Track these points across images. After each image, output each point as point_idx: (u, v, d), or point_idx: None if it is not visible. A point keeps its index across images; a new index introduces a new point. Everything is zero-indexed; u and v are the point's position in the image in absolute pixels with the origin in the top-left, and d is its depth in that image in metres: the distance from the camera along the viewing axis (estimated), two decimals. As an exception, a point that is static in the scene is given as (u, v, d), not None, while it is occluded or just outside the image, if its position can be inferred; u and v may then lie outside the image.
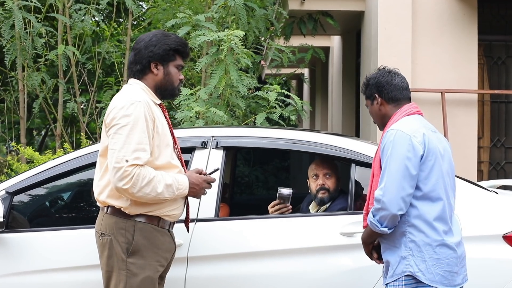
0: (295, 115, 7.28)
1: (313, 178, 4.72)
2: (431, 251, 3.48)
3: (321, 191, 4.65)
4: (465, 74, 8.22)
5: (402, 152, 3.47)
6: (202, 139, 4.36)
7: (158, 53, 3.67)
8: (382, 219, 3.47)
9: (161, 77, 3.71)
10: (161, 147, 3.60)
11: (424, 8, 8.26)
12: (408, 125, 3.59)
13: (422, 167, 3.50)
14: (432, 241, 3.49)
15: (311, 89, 17.15)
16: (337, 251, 4.11)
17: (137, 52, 3.70)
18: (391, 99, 3.75)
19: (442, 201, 3.53)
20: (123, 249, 3.54)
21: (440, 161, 3.56)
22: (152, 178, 3.46)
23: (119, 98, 3.60)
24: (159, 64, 3.69)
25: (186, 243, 4.08)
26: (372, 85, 3.80)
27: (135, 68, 3.71)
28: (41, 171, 4.29)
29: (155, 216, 3.62)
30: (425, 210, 3.50)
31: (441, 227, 3.51)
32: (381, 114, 3.79)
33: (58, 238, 4.19)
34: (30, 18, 7.46)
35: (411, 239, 3.50)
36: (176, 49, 3.72)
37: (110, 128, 3.52)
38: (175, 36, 3.76)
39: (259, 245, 4.14)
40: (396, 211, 3.43)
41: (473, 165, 8.21)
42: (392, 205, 3.42)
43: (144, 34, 3.78)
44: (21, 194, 4.32)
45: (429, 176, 3.51)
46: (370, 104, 3.84)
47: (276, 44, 8.58)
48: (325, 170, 4.70)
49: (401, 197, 3.43)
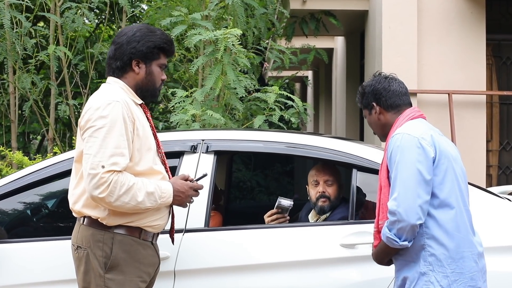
0: (296, 118, 7.05)
1: (313, 184, 4.42)
2: (454, 265, 3.20)
3: (321, 199, 4.35)
4: (473, 74, 8.05)
5: (413, 156, 3.20)
6: (191, 142, 4.08)
7: (141, 50, 3.37)
8: (400, 232, 3.18)
9: (142, 77, 3.41)
10: (142, 151, 3.31)
11: (430, 6, 8.09)
12: (414, 127, 3.33)
13: (436, 171, 3.23)
14: (454, 253, 3.20)
15: (315, 92, 17.11)
16: (337, 264, 3.83)
17: (118, 47, 3.39)
18: (390, 106, 3.50)
19: (461, 209, 3.26)
20: (101, 263, 3.25)
21: (453, 164, 3.30)
22: (132, 185, 3.18)
23: (95, 98, 3.31)
24: (141, 62, 3.39)
25: (173, 256, 3.81)
26: (369, 93, 3.55)
27: (115, 64, 3.41)
28: (14, 179, 4.01)
29: (136, 227, 3.33)
30: (444, 219, 3.22)
31: (464, 237, 3.23)
32: (381, 124, 3.54)
33: (36, 250, 3.92)
34: (19, 17, 7.21)
35: (431, 253, 3.22)
36: (161, 47, 3.42)
37: (85, 131, 3.23)
38: (161, 32, 3.46)
39: (253, 258, 3.86)
40: (415, 220, 3.15)
41: (482, 169, 8.03)
42: (410, 215, 3.14)
43: (127, 27, 3.49)
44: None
45: (444, 181, 3.23)
46: (368, 114, 3.59)
47: (277, 45, 8.38)
48: (326, 176, 4.40)
49: (419, 205, 3.15)
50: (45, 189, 4.37)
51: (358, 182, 4.06)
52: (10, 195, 4.06)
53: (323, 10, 9.51)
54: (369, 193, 4.26)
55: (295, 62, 8.95)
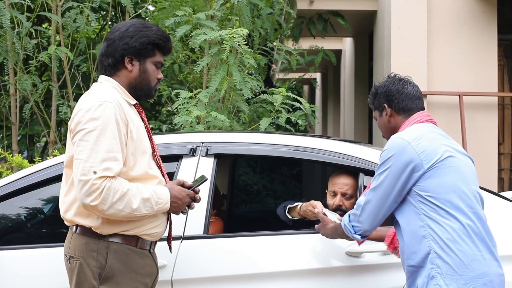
0: (303, 120, 6.89)
1: (331, 194, 4.18)
2: (463, 268, 3.02)
3: (337, 211, 4.07)
4: (484, 75, 7.96)
5: (396, 164, 3.10)
6: (190, 145, 3.90)
7: (134, 46, 3.18)
8: (357, 229, 3.25)
9: (136, 75, 3.22)
10: (137, 154, 3.13)
11: (440, 6, 8.01)
12: (413, 131, 3.20)
13: (436, 174, 3.09)
14: (463, 255, 3.03)
15: (323, 94, 17.02)
16: (342, 274, 3.65)
17: (111, 43, 3.21)
18: (402, 109, 3.34)
19: (465, 212, 3.09)
20: (95, 274, 3.07)
21: (460, 167, 3.14)
22: (126, 191, 2.99)
23: (85, 99, 3.12)
24: (134, 59, 3.20)
25: (171, 264, 3.63)
26: (381, 94, 3.39)
27: (107, 61, 3.22)
28: (3, 184, 3.84)
29: (133, 236, 3.15)
30: (448, 222, 3.05)
31: (473, 239, 3.07)
32: (391, 127, 3.39)
33: (28, 257, 3.75)
34: (19, 17, 7.06)
35: (438, 255, 3.04)
36: (156, 43, 3.23)
37: (75, 134, 3.05)
38: (157, 28, 3.26)
39: (253, 267, 3.69)
40: (371, 229, 3.24)
41: (494, 172, 7.95)
42: (371, 225, 3.23)
43: (120, 23, 3.30)
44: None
45: (447, 186, 3.08)
46: (379, 115, 3.44)
47: (285, 46, 8.24)
48: (344, 189, 4.13)
49: (379, 220, 3.20)
50: (37, 194, 4.20)
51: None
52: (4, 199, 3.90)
53: (330, 10, 9.44)
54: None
55: (302, 64, 8.86)
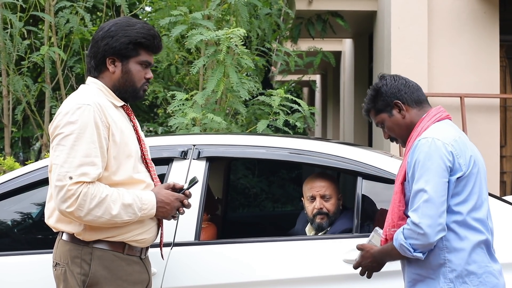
0: (302, 123, 6.76)
1: (308, 200, 4.05)
2: (476, 281, 2.92)
3: (318, 215, 3.98)
4: (485, 77, 7.89)
5: (440, 166, 2.90)
6: (181, 148, 3.75)
7: (114, 46, 3.03)
8: (416, 246, 2.90)
9: (118, 76, 3.08)
10: (120, 158, 2.99)
11: (441, 6, 7.94)
12: (443, 132, 3.01)
13: (463, 184, 2.95)
14: (477, 268, 2.92)
15: (323, 96, 16.97)
16: (340, 282, 3.50)
17: (94, 43, 3.08)
18: (415, 101, 3.14)
19: (485, 223, 2.99)
20: (79, 281, 2.96)
21: (481, 176, 3.04)
22: (104, 197, 2.87)
23: (66, 102, 3.01)
24: (116, 60, 3.06)
25: (160, 272, 3.48)
26: (385, 92, 3.16)
27: (90, 63, 3.11)
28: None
29: (119, 242, 3.02)
30: (467, 234, 2.94)
31: (485, 251, 2.97)
32: (407, 124, 3.15)
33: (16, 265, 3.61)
34: (10, 17, 6.93)
35: (452, 269, 2.92)
36: (138, 42, 3.06)
37: (53, 138, 2.94)
38: (141, 25, 3.10)
39: (247, 275, 3.54)
40: (435, 238, 2.88)
41: (496, 176, 7.85)
42: (432, 232, 2.87)
43: (106, 22, 3.16)
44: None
45: (471, 195, 2.97)
46: (388, 116, 3.18)
47: (283, 47, 8.13)
48: (322, 190, 4.01)
49: (440, 222, 2.87)
50: (22, 198, 4.05)
51: (364, 190, 3.72)
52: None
53: (330, 10, 9.34)
54: (376, 203, 3.92)
55: (301, 65, 8.74)
